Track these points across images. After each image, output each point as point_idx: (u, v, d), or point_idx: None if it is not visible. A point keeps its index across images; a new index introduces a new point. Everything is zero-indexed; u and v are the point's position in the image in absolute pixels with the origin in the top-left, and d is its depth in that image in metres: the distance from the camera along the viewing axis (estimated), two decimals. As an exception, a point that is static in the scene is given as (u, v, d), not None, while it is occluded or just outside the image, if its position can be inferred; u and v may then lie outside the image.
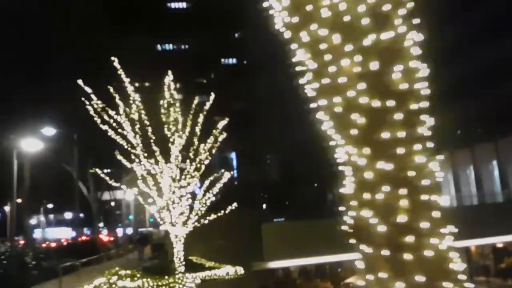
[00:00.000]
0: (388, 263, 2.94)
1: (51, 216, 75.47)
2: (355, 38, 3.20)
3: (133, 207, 49.18)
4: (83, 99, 16.77)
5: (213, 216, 18.41)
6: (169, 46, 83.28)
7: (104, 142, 21.22)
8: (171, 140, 18.25)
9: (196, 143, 18.80)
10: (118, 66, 16.64)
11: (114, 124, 17.16)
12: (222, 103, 19.66)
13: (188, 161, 18.56)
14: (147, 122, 17.62)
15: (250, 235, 22.19)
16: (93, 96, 16.49)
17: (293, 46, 3.64)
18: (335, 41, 3.27)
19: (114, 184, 18.15)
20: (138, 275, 14.21)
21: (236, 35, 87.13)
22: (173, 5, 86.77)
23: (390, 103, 3.07)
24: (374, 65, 3.13)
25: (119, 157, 17.67)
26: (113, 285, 13.50)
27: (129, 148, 17.50)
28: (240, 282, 18.72)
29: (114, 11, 61.30)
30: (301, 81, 3.62)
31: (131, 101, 17.54)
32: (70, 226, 66.98)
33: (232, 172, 20.82)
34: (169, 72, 18.32)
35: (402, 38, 3.17)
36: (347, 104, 3.21)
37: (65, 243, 36.17)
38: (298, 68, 3.63)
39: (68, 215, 70.85)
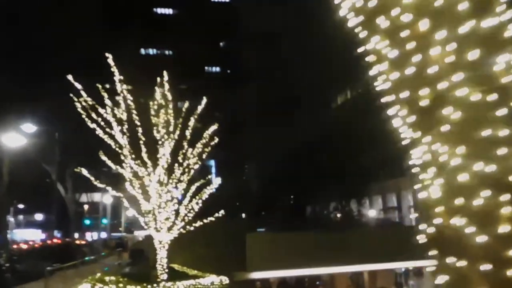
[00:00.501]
0: (486, 279, 2.56)
1: (21, 217, 72.93)
2: (448, 24, 2.87)
3: (110, 211, 47.97)
4: (71, 95, 16.20)
5: (198, 223, 17.96)
6: (153, 51, 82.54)
7: (89, 141, 20.57)
8: (160, 142, 17.78)
9: (186, 147, 18.38)
10: (112, 63, 16.13)
11: (102, 123, 16.62)
12: (204, 110, 19.39)
13: (176, 165, 18.11)
14: (137, 123, 17.13)
15: (233, 244, 21.78)
16: (82, 92, 15.96)
17: (364, 33, 3.28)
18: (422, 27, 2.93)
19: (99, 185, 17.51)
20: (123, 281, 13.55)
21: (221, 44, 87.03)
22: (160, 10, 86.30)
23: (493, 97, 2.74)
24: (473, 55, 2.79)
25: (104, 157, 17.11)
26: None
27: (117, 148, 16.95)
28: (224, 292, 18.23)
29: (100, 12, 60.42)
30: (373, 71, 3.27)
31: (120, 101, 17.05)
32: (40, 228, 64.97)
33: (212, 179, 20.49)
34: (165, 72, 17.91)
35: (505, 26, 2.85)
36: (436, 96, 2.85)
37: (37, 246, 34.90)
38: (370, 58, 3.27)
39: (38, 217, 68.78)
